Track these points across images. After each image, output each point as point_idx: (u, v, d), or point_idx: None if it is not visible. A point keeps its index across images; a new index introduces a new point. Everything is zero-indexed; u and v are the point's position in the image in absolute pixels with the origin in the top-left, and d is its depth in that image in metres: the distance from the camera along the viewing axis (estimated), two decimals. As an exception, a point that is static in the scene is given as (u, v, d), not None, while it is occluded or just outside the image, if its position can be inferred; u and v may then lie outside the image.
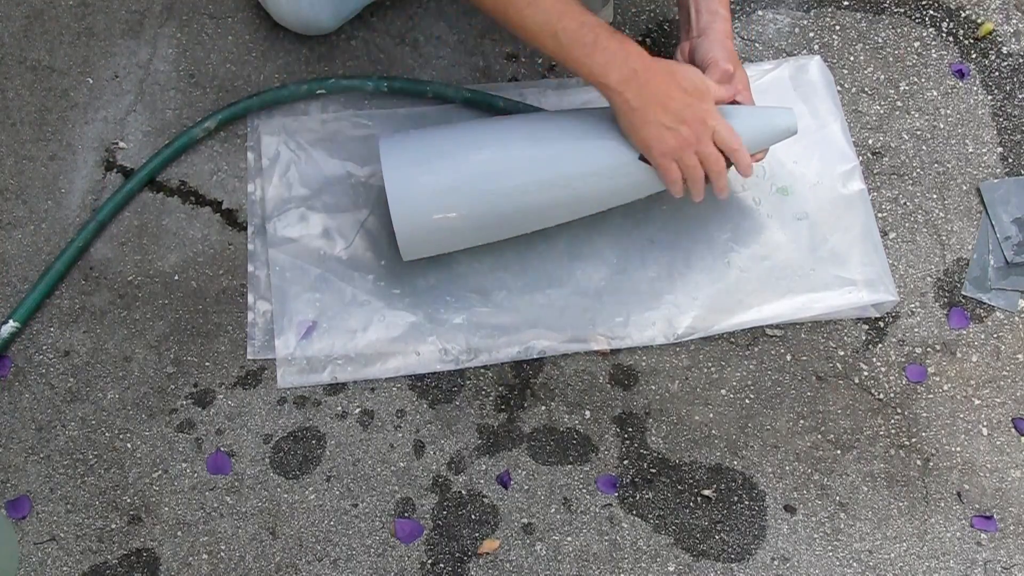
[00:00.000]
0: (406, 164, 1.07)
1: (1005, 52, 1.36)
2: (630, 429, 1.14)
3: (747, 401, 1.16)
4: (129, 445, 1.12)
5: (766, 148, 1.14)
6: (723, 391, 1.17)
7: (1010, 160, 1.29)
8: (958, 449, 1.15)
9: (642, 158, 1.07)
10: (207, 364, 1.16)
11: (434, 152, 1.08)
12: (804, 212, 1.23)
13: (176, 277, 1.19)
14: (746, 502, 1.12)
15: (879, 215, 1.25)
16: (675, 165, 1.06)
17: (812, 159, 1.25)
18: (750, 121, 1.11)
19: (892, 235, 1.25)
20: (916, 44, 1.36)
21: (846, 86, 1.33)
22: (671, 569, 1.08)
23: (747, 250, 1.21)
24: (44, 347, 1.16)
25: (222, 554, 1.08)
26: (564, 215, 1.14)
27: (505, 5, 1.03)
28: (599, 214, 1.19)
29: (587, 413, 1.15)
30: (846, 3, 1.38)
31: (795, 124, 1.11)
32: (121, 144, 1.26)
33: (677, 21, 1.35)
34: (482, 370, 1.16)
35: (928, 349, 1.19)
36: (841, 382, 1.17)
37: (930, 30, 1.37)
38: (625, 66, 1.02)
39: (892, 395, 1.17)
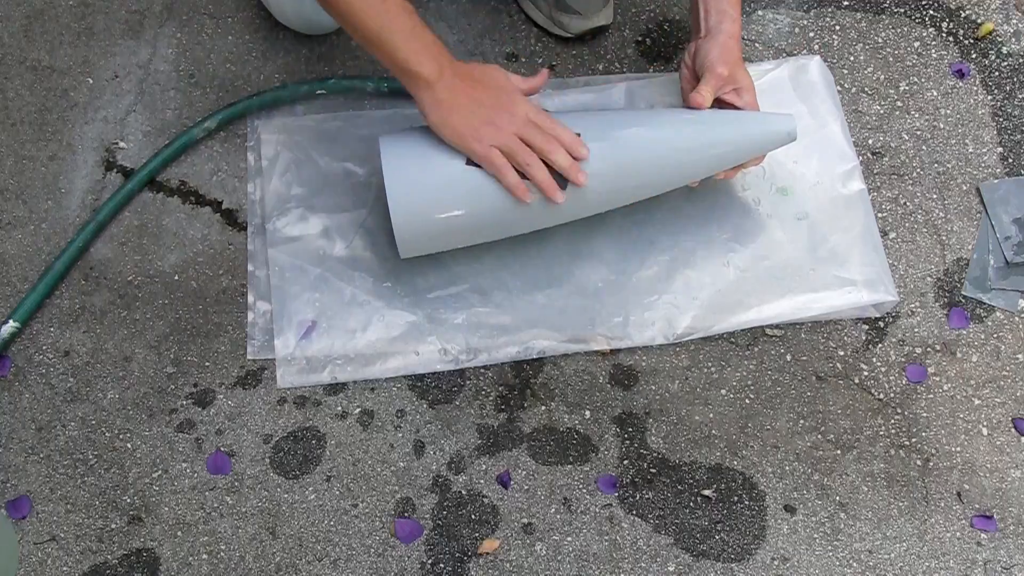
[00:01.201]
0: (406, 162, 1.07)
1: (1005, 52, 1.36)
2: (630, 429, 1.14)
3: (747, 401, 1.16)
4: (129, 445, 1.12)
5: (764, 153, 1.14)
6: (723, 391, 1.17)
7: (1010, 160, 1.29)
8: (958, 449, 1.15)
9: (469, 162, 1.04)
10: (207, 364, 1.16)
11: (434, 150, 1.08)
12: (804, 212, 1.23)
13: (176, 277, 1.20)
14: (746, 502, 1.12)
15: (879, 215, 1.25)
16: (496, 153, 1.02)
17: (812, 159, 1.25)
18: (749, 127, 1.11)
19: (892, 235, 1.25)
20: (916, 44, 1.36)
21: (846, 86, 1.33)
22: (671, 569, 1.08)
23: (747, 250, 1.21)
24: (44, 347, 1.16)
25: (222, 554, 1.08)
26: (561, 216, 1.14)
27: None
28: (598, 214, 1.19)
29: (587, 413, 1.15)
30: (846, 3, 1.38)
31: (795, 130, 1.11)
32: (121, 144, 1.26)
33: (677, 21, 1.36)
34: (482, 370, 1.16)
35: (928, 349, 1.19)
36: (841, 382, 1.17)
37: (930, 30, 1.37)
38: (438, 59, 1.02)
39: (892, 395, 1.17)
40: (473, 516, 1.10)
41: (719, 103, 1.13)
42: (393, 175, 1.07)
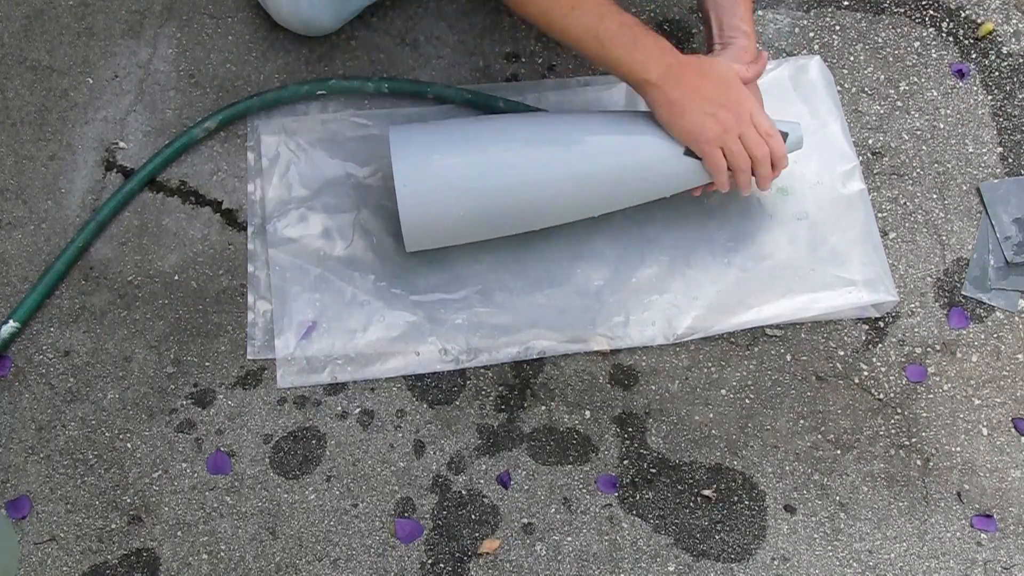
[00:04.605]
0: (416, 152, 1.07)
1: (1005, 52, 1.36)
2: (630, 429, 1.14)
3: (747, 401, 1.16)
4: (129, 445, 1.12)
5: None
6: (723, 391, 1.17)
7: (1010, 160, 1.29)
8: (958, 449, 1.15)
9: (688, 152, 1.08)
10: (207, 364, 1.16)
11: (446, 142, 1.08)
12: (804, 212, 1.23)
13: (176, 277, 1.20)
14: (746, 502, 1.12)
15: (879, 215, 1.25)
16: (720, 153, 1.07)
17: (812, 159, 1.25)
18: None
19: (892, 235, 1.25)
20: (916, 44, 1.36)
21: (846, 86, 1.33)
22: (671, 569, 1.08)
23: (747, 250, 1.21)
24: (44, 347, 1.16)
25: (222, 554, 1.08)
26: (573, 214, 1.14)
27: (549, 11, 1.05)
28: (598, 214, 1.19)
29: (587, 413, 1.15)
30: (846, 3, 1.38)
31: (801, 138, 1.13)
32: (121, 144, 1.26)
33: (677, 21, 1.36)
34: (482, 370, 1.16)
35: (928, 349, 1.19)
36: (841, 382, 1.17)
37: (930, 30, 1.37)
38: (661, 61, 1.05)
39: (892, 395, 1.17)
40: (473, 516, 1.10)
41: None
42: (402, 165, 1.06)
